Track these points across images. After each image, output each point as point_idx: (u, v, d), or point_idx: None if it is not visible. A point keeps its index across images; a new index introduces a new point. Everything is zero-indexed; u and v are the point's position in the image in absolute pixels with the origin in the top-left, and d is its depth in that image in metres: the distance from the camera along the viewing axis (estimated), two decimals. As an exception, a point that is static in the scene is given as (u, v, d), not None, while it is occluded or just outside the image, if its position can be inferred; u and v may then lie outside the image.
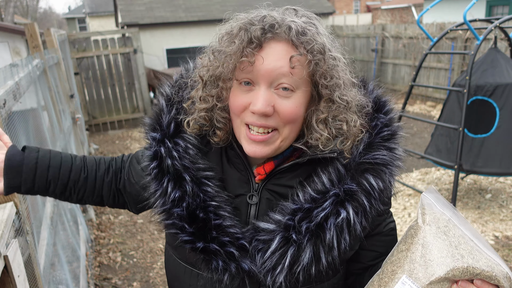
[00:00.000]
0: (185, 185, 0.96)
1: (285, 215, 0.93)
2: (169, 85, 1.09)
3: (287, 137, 0.93)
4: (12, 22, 15.73)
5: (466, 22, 3.91)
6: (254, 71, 0.87)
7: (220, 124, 0.98)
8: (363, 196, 0.90)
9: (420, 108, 9.43)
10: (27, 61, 2.92)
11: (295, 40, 0.86)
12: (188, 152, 0.99)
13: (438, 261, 0.81)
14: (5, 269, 1.23)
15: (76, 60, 8.76)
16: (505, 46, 7.21)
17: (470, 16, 4.42)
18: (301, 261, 0.89)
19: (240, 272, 0.93)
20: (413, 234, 0.87)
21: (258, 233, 0.93)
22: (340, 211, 0.89)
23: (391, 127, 0.98)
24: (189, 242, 0.95)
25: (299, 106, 0.90)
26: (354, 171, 0.92)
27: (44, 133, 3.44)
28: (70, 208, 3.82)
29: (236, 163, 1.01)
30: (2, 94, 1.68)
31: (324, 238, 0.89)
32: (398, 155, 0.96)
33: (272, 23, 0.86)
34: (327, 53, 0.88)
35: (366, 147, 0.93)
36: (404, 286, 0.82)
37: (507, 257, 3.63)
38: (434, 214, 0.86)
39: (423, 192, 0.90)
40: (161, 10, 12.54)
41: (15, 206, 1.46)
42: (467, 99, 3.79)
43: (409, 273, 0.83)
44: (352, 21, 24.40)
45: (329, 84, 0.89)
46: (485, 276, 0.79)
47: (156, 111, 1.06)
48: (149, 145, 1.04)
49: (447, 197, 4.83)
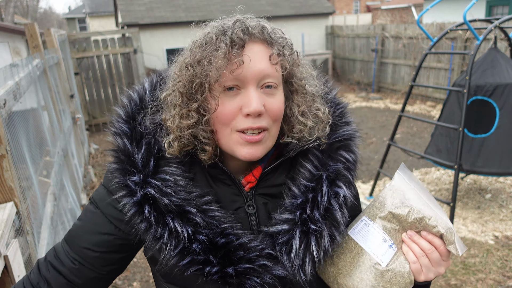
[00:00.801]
0: (193, 218, 0.90)
1: (294, 211, 0.94)
2: (122, 121, 0.98)
3: (274, 136, 0.95)
4: (12, 22, 15.73)
5: (466, 22, 3.91)
6: (242, 73, 0.87)
7: (207, 139, 0.93)
8: (345, 171, 0.98)
9: (420, 108, 9.43)
10: (27, 61, 2.92)
11: (269, 39, 0.91)
12: (179, 184, 0.92)
13: (391, 205, 0.96)
14: (5, 269, 1.23)
15: (76, 60, 8.77)
16: (505, 46, 7.21)
17: (470, 16, 4.42)
18: (323, 246, 0.94)
19: (275, 280, 0.92)
20: (380, 193, 1.03)
21: (276, 237, 0.94)
22: (337, 190, 0.95)
23: (341, 104, 1.08)
24: (218, 272, 0.89)
25: (282, 103, 0.94)
26: (330, 151, 0.99)
27: (44, 133, 3.44)
28: (70, 208, 3.82)
29: (222, 180, 0.98)
30: (2, 94, 1.68)
31: (334, 218, 0.95)
32: (355, 126, 1.05)
33: (246, 26, 0.89)
34: (293, 48, 0.96)
35: (331, 128, 1.02)
36: (362, 222, 1.00)
37: (507, 257, 3.63)
38: (400, 181, 1.00)
39: (397, 170, 1.03)
40: (161, 10, 12.54)
41: (15, 206, 1.46)
42: (467, 99, 3.79)
43: (368, 214, 1.00)
44: (352, 21, 24.41)
45: (302, 76, 0.97)
46: (428, 225, 0.92)
47: (120, 152, 0.95)
48: (127, 192, 0.91)
49: (447, 197, 4.84)
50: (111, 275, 1.03)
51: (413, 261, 0.94)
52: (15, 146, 1.93)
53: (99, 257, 0.98)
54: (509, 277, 3.36)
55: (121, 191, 0.92)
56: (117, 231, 0.97)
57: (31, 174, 2.37)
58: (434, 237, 0.93)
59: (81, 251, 0.98)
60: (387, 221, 0.96)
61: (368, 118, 9.02)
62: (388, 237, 0.96)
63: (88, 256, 0.98)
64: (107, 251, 0.98)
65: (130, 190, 0.91)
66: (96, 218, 0.99)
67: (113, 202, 0.96)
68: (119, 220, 0.96)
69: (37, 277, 1.00)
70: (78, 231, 1.01)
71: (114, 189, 0.95)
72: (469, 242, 3.89)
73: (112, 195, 0.96)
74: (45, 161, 3.22)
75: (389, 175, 4.68)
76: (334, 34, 13.61)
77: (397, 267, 0.94)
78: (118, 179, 0.93)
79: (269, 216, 0.98)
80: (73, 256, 0.99)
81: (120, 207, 0.94)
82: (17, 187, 1.57)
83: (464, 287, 3.27)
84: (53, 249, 1.03)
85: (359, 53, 12.38)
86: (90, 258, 0.98)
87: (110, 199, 0.97)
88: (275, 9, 13.48)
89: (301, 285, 0.96)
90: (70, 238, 1.01)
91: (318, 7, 14.10)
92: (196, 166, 0.97)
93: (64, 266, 0.99)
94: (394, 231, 0.96)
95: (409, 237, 0.95)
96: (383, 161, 4.86)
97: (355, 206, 1.10)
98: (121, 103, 1.02)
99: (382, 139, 7.37)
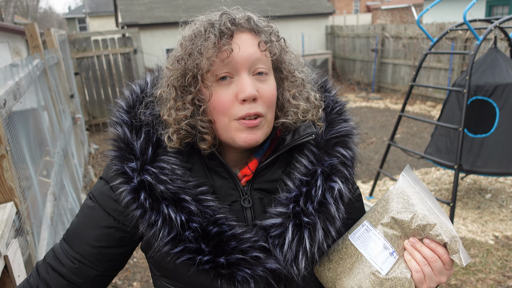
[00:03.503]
0: (187, 206, 0.90)
1: (288, 205, 0.94)
2: (122, 111, 1.00)
3: (270, 121, 0.97)
4: (12, 22, 15.73)
5: (466, 22, 3.91)
6: (233, 61, 0.89)
7: (205, 128, 0.94)
8: (341, 166, 0.98)
9: (420, 108, 9.43)
10: (27, 61, 2.92)
11: (256, 28, 0.94)
12: (176, 173, 0.93)
13: (393, 210, 0.94)
14: (5, 269, 1.23)
15: (76, 60, 8.77)
16: (505, 46, 7.21)
17: (470, 16, 4.42)
18: (317, 240, 0.93)
19: (267, 273, 0.92)
20: (383, 196, 1.01)
21: (269, 231, 0.94)
22: (332, 185, 0.95)
23: (340, 102, 1.09)
24: (209, 262, 0.89)
25: (275, 88, 0.96)
26: (326, 147, 1.00)
27: (44, 133, 3.44)
28: (70, 208, 3.82)
29: (219, 172, 0.98)
30: (3, 94, 1.68)
31: (328, 212, 0.94)
32: (353, 123, 1.06)
33: (233, 17, 0.92)
34: (280, 36, 0.98)
35: (328, 125, 1.03)
36: (363, 227, 0.98)
37: (507, 257, 3.63)
38: (405, 184, 0.98)
39: (402, 172, 1.01)
40: (161, 10, 12.54)
41: (15, 206, 1.46)
42: (467, 99, 3.79)
43: (369, 218, 0.98)
44: (352, 21, 24.41)
45: (290, 62, 1.00)
46: (431, 232, 0.89)
47: (119, 141, 0.96)
48: (125, 179, 0.92)
49: (447, 197, 4.84)
50: (111, 272, 1.03)
51: (416, 270, 0.91)
52: (15, 146, 1.93)
53: (99, 253, 0.98)
54: (509, 277, 3.36)
55: (118, 178, 0.93)
56: (116, 223, 0.97)
57: (31, 174, 2.37)
58: (437, 245, 0.90)
59: (81, 248, 0.98)
60: (389, 228, 0.94)
61: (368, 118, 9.02)
62: (390, 244, 0.94)
63: (88, 253, 0.98)
64: (107, 246, 0.98)
65: (127, 177, 0.92)
66: (94, 212, 0.99)
67: (110, 192, 0.97)
68: (117, 210, 0.96)
69: (37, 280, 1.00)
70: (77, 228, 1.01)
71: (111, 177, 0.96)
72: (469, 242, 3.89)
73: (109, 183, 0.97)
74: (45, 161, 3.22)
75: (389, 175, 4.68)
76: (334, 34, 13.61)
77: (398, 276, 0.92)
78: (116, 165, 0.94)
79: (264, 211, 0.98)
80: (73, 255, 0.98)
81: (116, 196, 0.94)
82: (17, 187, 1.57)
83: (464, 287, 3.27)
84: (52, 251, 1.03)
85: (359, 53, 12.38)
86: (90, 255, 0.98)
87: (107, 188, 0.97)
88: (275, 9, 13.48)
89: (295, 280, 0.96)
90: (69, 237, 1.01)
91: (318, 7, 14.10)
92: (195, 157, 0.98)
93: (63, 266, 0.99)
94: (396, 237, 0.94)
95: (411, 245, 0.93)
96: (383, 161, 4.86)
97: (355, 205, 1.10)
98: (123, 95, 1.05)
99: (382, 139, 7.37)
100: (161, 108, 0.97)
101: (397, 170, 5.81)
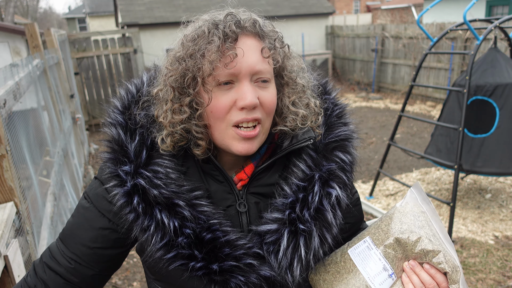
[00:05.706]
0: (180, 211, 0.89)
1: (284, 211, 0.93)
2: (117, 111, 0.98)
3: (266, 130, 0.95)
4: (12, 22, 15.73)
5: (466, 22, 3.91)
6: (236, 66, 0.86)
7: (200, 133, 0.92)
8: (340, 171, 0.96)
9: (420, 108, 9.43)
10: (27, 61, 2.92)
11: (261, 32, 0.91)
12: (170, 176, 0.91)
13: (398, 230, 0.91)
14: (5, 269, 1.23)
15: (76, 60, 8.77)
16: (505, 46, 7.21)
17: (470, 16, 4.42)
18: (313, 247, 0.92)
19: (261, 280, 0.91)
20: (388, 212, 0.98)
21: (264, 237, 0.93)
22: (329, 191, 0.93)
23: (340, 105, 1.07)
24: (202, 268, 0.88)
25: (275, 96, 0.94)
26: (324, 152, 0.98)
27: (44, 133, 3.44)
28: (70, 208, 3.82)
29: (215, 175, 0.96)
30: (3, 94, 1.68)
31: (325, 219, 0.93)
32: (353, 127, 1.04)
33: (238, 19, 0.89)
34: (284, 42, 0.96)
35: (327, 128, 1.01)
36: (365, 244, 0.95)
37: (507, 257, 3.63)
38: (412, 202, 0.96)
39: (411, 187, 0.99)
40: (161, 10, 12.54)
41: (15, 206, 1.46)
42: (467, 99, 3.79)
43: (372, 235, 0.95)
44: (352, 21, 24.40)
45: (292, 69, 0.97)
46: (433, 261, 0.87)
47: (114, 142, 0.94)
48: (118, 182, 0.91)
49: (447, 197, 4.84)
50: (108, 271, 1.03)
51: None
52: (15, 146, 1.93)
53: (95, 254, 0.98)
54: (509, 277, 3.36)
55: (112, 181, 0.92)
56: (111, 224, 0.96)
57: (31, 174, 2.37)
58: (437, 272, 0.89)
59: (77, 249, 0.98)
60: (391, 249, 0.92)
61: (368, 118, 9.02)
62: (390, 266, 0.92)
63: (84, 253, 0.97)
64: (103, 247, 0.98)
65: (121, 180, 0.91)
66: (89, 213, 0.98)
67: (104, 193, 0.95)
68: (111, 212, 0.95)
69: (34, 280, 0.99)
70: (73, 228, 1.00)
71: (105, 179, 0.94)
72: (469, 242, 3.89)
73: (104, 185, 0.95)
74: (45, 161, 3.22)
75: (389, 175, 4.68)
76: (334, 34, 13.60)
77: None
78: (109, 168, 0.92)
79: (260, 216, 0.97)
80: (69, 256, 0.98)
81: (110, 198, 0.93)
82: (17, 187, 1.57)
83: (464, 287, 3.27)
84: (48, 250, 1.02)
85: (359, 53, 12.37)
86: (86, 255, 0.97)
87: (101, 190, 0.96)
88: (275, 9, 13.47)
89: (290, 287, 0.94)
90: (65, 237, 1.00)
91: (318, 7, 14.10)
92: (190, 160, 0.96)
93: (60, 266, 0.98)
94: (397, 259, 0.92)
95: (410, 267, 0.91)
96: (383, 161, 4.86)
97: (352, 210, 1.07)
98: (118, 95, 1.02)
99: (382, 139, 7.37)
100: (156, 109, 0.95)
101: (397, 170, 5.81)
